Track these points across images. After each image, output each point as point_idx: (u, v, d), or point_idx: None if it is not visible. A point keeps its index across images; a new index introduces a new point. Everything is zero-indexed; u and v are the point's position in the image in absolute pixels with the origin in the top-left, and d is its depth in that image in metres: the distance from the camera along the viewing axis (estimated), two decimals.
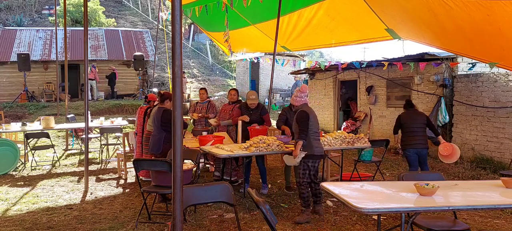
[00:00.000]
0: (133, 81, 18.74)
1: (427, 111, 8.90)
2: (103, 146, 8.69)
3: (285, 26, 8.56)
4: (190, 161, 5.04)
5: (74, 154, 9.14)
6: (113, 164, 8.03)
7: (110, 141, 9.85)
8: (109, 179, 6.89)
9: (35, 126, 8.52)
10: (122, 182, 6.66)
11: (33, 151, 7.85)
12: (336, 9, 7.25)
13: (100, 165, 8.11)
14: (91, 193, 5.93)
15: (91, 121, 9.02)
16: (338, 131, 6.18)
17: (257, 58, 14.27)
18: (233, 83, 23.01)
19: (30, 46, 17.77)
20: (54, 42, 17.98)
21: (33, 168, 7.68)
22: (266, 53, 13.95)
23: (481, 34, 5.39)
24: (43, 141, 8.85)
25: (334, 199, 5.19)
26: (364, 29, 7.70)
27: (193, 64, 24.87)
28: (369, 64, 9.64)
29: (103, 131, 8.66)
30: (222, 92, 19.15)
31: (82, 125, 8.75)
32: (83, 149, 7.68)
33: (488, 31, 5.13)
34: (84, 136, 6.83)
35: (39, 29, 19.88)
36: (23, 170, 7.56)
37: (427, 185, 3.14)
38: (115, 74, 17.51)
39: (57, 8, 19.85)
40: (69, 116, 10.53)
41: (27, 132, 7.86)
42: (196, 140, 6.16)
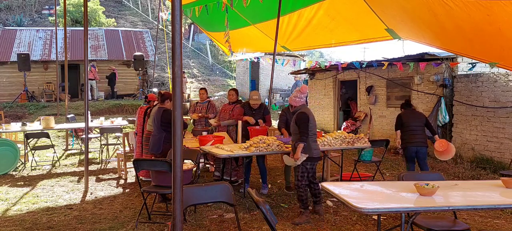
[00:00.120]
0: (133, 81, 18.74)
1: (427, 112, 8.91)
2: (103, 146, 8.69)
3: (285, 26, 8.56)
4: (190, 161, 5.04)
5: (74, 154, 9.14)
6: (113, 164, 8.03)
7: (110, 141, 9.85)
8: (109, 179, 6.89)
9: (35, 126, 8.52)
10: (122, 182, 6.66)
11: (33, 151, 7.85)
12: (336, 9, 7.25)
13: (100, 165, 8.11)
14: (91, 193, 5.93)
15: (91, 121, 9.02)
16: (338, 131, 6.18)
17: (257, 58, 14.27)
18: (233, 83, 23.01)
19: (30, 46, 17.77)
20: (54, 42, 17.98)
21: (33, 168, 7.68)
22: (266, 53, 13.96)
23: (481, 34, 5.39)
24: (43, 141, 8.85)
25: (334, 199, 5.19)
26: (364, 29, 7.70)
27: (193, 64, 24.87)
28: (369, 64, 9.63)
29: (103, 131, 8.66)
30: (222, 92, 19.15)
31: (82, 125, 8.75)
32: (83, 149, 7.68)
33: (488, 31, 5.13)
34: (84, 136, 6.83)
35: (39, 29, 19.88)
36: (23, 170, 7.56)
37: (427, 185, 3.14)
38: (115, 74, 17.51)
39: (57, 8, 19.85)
40: (69, 116, 10.53)
41: (27, 132, 7.86)
42: (196, 140, 6.16)
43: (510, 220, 4.93)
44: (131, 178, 6.83)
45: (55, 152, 8.28)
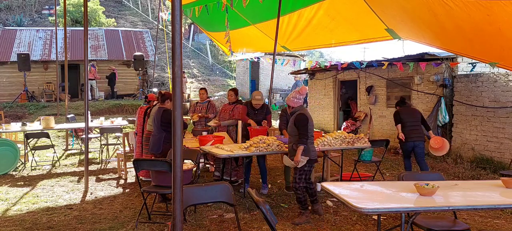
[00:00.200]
0: (133, 81, 18.74)
1: (427, 111, 8.91)
2: (103, 146, 8.69)
3: (285, 26, 8.56)
4: (190, 161, 5.04)
5: (74, 154, 9.14)
6: (113, 164, 8.03)
7: (110, 141, 9.85)
8: (109, 179, 6.89)
9: (35, 126, 8.52)
10: (122, 182, 6.66)
11: (33, 151, 7.85)
12: (336, 9, 7.25)
13: (100, 165, 8.11)
14: (91, 193, 5.93)
15: (91, 121, 9.02)
16: (338, 131, 6.18)
17: (257, 58, 14.27)
18: (233, 83, 23.01)
19: (30, 46, 17.77)
20: (54, 42, 17.98)
21: (33, 168, 7.68)
22: (266, 53, 13.96)
23: (481, 34, 5.39)
24: (43, 141, 8.85)
25: (334, 199, 5.19)
26: (364, 29, 7.70)
27: (193, 64, 24.87)
28: (369, 64, 9.63)
29: (103, 131, 8.66)
30: (222, 92, 19.15)
31: (82, 125, 8.75)
32: (83, 149, 7.68)
33: (488, 31, 5.13)
34: (84, 136, 6.83)
35: (39, 29, 19.88)
36: (23, 170, 7.56)
37: (427, 185, 3.14)
38: (115, 74, 17.52)
39: (57, 8, 19.84)
40: (69, 116, 10.53)
41: (27, 132, 7.86)
42: (196, 140, 6.16)
43: (510, 220, 4.93)
44: (131, 178, 6.83)
45: (55, 152, 8.28)
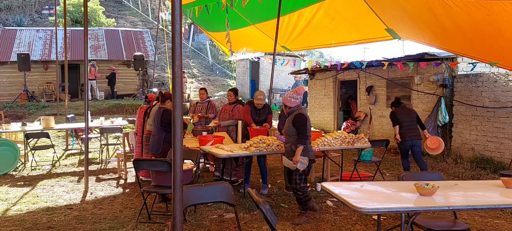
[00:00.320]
0: (133, 81, 18.74)
1: (427, 111, 8.91)
2: (103, 146, 8.69)
3: (285, 26, 8.56)
4: (190, 161, 5.04)
5: (74, 154, 9.14)
6: (113, 164, 8.03)
7: (110, 141, 9.85)
8: (109, 179, 6.89)
9: (35, 126, 8.52)
10: (122, 182, 6.66)
11: (33, 151, 7.85)
12: (336, 9, 7.25)
13: (100, 165, 8.11)
14: (91, 193, 5.93)
15: (91, 121, 9.02)
16: (338, 131, 6.18)
17: (257, 58, 14.27)
18: (233, 83, 23.01)
19: (30, 46, 17.76)
20: (54, 42, 17.98)
21: (33, 168, 7.68)
22: (266, 53, 13.97)
23: (481, 34, 5.39)
24: (43, 141, 8.85)
25: (334, 199, 5.19)
26: (364, 29, 7.70)
27: (193, 64, 24.87)
28: (369, 64, 9.63)
29: (103, 131, 8.66)
30: (222, 92, 19.15)
31: (82, 125, 8.75)
32: (83, 149, 7.68)
33: (488, 31, 5.13)
34: (84, 136, 6.83)
35: (39, 29, 19.88)
36: (23, 170, 7.56)
37: (427, 185, 3.14)
38: (115, 74, 17.51)
39: (57, 8, 19.84)
40: (69, 116, 10.53)
41: (27, 132, 7.86)
42: (196, 140, 6.16)
43: (510, 220, 4.93)
44: (131, 178, 6.83)
45: (55, 152, 8.28)
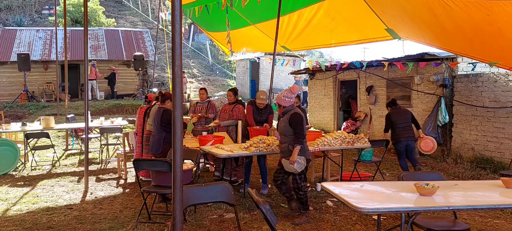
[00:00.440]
0: (133, 81, 18.74)
1: (427, 111, 8.91)
2: (103, 146, 8.69)
3: (285, 26, 8.56)
4: (190, 161, 5.04)
5: (74, 154, 9.14)
6: (113, 164, 8.03)
7: (110, 141, 9.85)
8: (109, 179, 6.89)
9: (35, 126, 8.52)
10: (122, 182, 6.66)
11: (33, 151, 7.85)
12: (336, 9, 7.25)
13: (100, 165, 8.11)
14: (91, 193, 5.93)
15: (91, 121, 9.02)
16: (338, 131, 6.18)
17: (257, 58, 14.27)
18: (233, 83, 23.01)
19: (30, 46, 17.76)
20: (54, 42, 17.98)
21: (33, 168, 7.68)
22: (266, 53, 13.97)
23: (481, 34, 5.39)
24: (43, 141, 8.85)
25: (334, 199, 5.19)
26: (364, 29, 7.70)
27: (193, 64, 24.87)
28: (369, 64, 9.63)
29: (103, 131, 8.66)
30: (222, 92, 19.15)
31: (82, 125, 8.75)
32: (83, 149, 7.68)
33: (488, 31, 5.13)
34: (84, 136, 6.83)
35: (39, 29, 19.88)
36: (23, 170, 7.56)
37: (427, 185, 3.14)
38: (115, 75, 17.51)
39: (57, 8, 19.84)
40: (69, 116, 10.53)
41: (27, 132, 7.86)
42: (196, 140, 6.16)
43: (510, 220, 4.93)
44: (131, 178, 6.83)
45: (55, 152, 8.27)
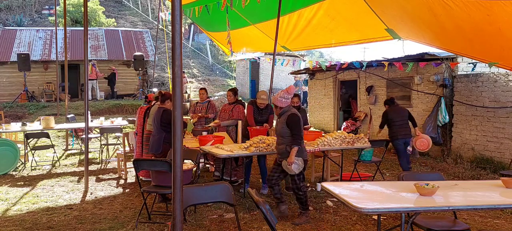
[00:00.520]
0: (133, 81, 18.73)
1: (427, 111, 8.91)
2: (103, 146, 8.69)
3: (285, 26, 8.56)
4: (190, 161, 5.04)
5: (74, 154, 9.14)
6: (113, 164, 8.03)
7: (110, 141, 9.85)
8: (109, 179, 6.89)
9: (35, 126, 8.52)
10: (122, 182, 6.66)
11: (33, 151, 7.85)
12: (336, 9, 7.25)
13: (100, 165, 8.11)
14: (91, 193, 5.93)
15: (91, 121, 9.02)
16: (338, 131, 6.18)
17: (257, 58, 14.28)
18: (233, 83, 23.01)
19: (30, 46, 17.76)
20: (54, 42, 17.98)
21: (33, 168, 7.68)
22: (266, 53, 13.97)
23: (481, 34, 5.39)
24: (43, 141, 8.85)
25: (334, 199, 5.19)
26: (364, 29, 7.70)
27: (193, 64, 24.87)
28: (369, 64, 9.63)
29: (103, 131, 8.66)
30: (222, 92, 19.15)
31: (82, 125, 8.75)
32: (83, 149, 7.68)
33: (488, 31, 5.13)
34: (84, 136, 6.83)
35: (39, 29, 19.87)
36: (23, 170, 7.56)
37: (427, 185, 3.14)
38: (115, 75, 17.51)
39: (57, 8, 19.84)
40: (69, 116, 10.53)
41: (27, 132, 7.86)
42: (196, 140, 6.16)
43: (510, 220, 4.93)
44: (131, 178, 6.83)
45: (55, 152, 8.27)
